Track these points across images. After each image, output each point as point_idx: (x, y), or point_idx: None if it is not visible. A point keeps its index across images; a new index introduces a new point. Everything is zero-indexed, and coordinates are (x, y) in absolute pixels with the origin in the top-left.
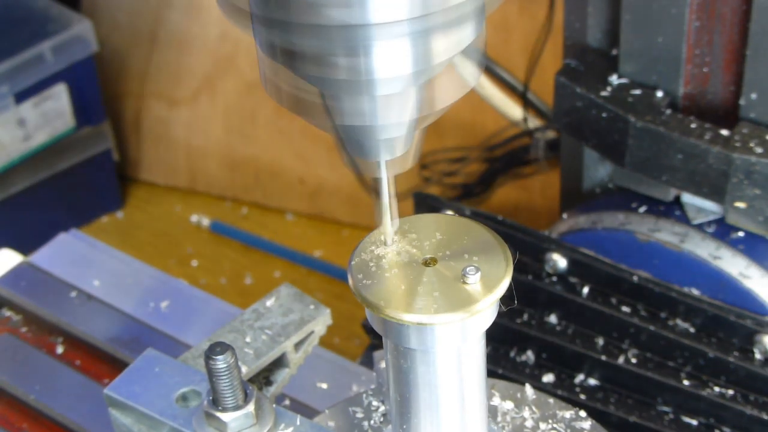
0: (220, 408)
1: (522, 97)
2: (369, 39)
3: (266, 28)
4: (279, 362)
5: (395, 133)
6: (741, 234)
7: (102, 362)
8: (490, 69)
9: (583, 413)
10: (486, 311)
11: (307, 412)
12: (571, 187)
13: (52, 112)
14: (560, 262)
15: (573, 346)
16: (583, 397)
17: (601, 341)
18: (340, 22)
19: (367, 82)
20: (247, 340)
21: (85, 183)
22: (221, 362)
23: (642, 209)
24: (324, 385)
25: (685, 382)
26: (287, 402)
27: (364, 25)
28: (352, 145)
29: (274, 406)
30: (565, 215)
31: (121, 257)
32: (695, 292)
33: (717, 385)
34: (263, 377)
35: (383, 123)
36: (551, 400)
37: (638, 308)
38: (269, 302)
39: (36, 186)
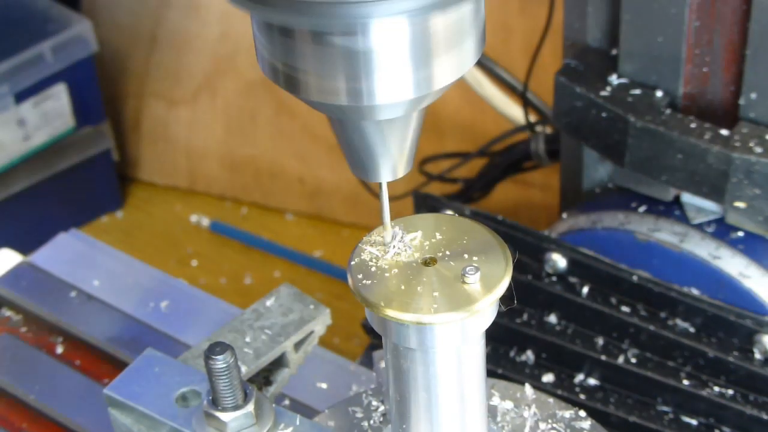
0: (219, 408)
1: (522, 97)
2: (370, 65)
3: (269, 53)
4: (279, 362)
5: (396, 154)
6: (741, 234)
7: (102, 362)
8: (490, 69)
9: (582, 413)
10: (486, 311)
11: (307, 412)
12: (571, 187)
13: (52, 112)
14: (560, 262)
15: (573, 346)
16: (582, 396)
17: (600, 341)
18: (343, 48)
19: (368, 108)
20: (247, 340)
21: (85, 183)
22: (221, 362)
23: (642, 209)
24: (324, 385)
25: (685, 382)
26: (287, 402)
27: (366, 51)
28: (355, 165)
29: (273, 406)
30: (565, 215)
31: (121, 257)
32: (695, 292)
33: (717, 385)
34: (263, 377)
35: (385, 144)
36: (551, 400)
37: (638, 308)
38: (269, 302)
39: (36, 186)
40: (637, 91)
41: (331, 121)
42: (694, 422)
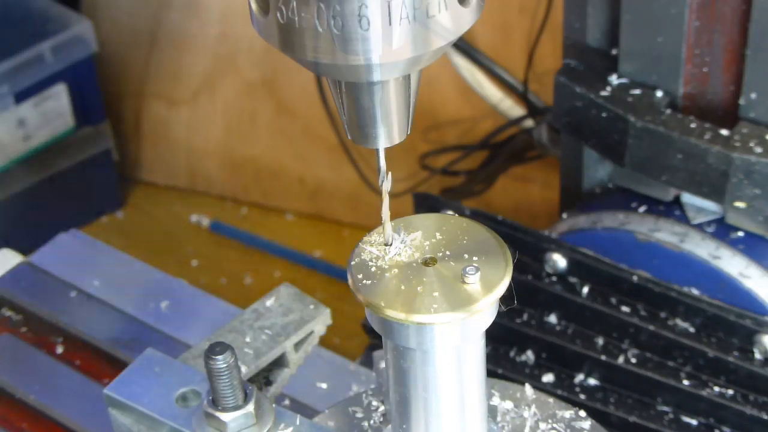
0: (219, 408)
1: (522, 97)
2: (366, 21)
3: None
4: (279, 362)
5: (394, 118)
6: (741, 234)
7: (102, 362)
8: (489, 68)
9: (582, 413)
10: (486, 311)
11: (307, 412)
12: (571, 187)
13: (52, 112)
14: (560, 262)
15: (573, 346)
16: (582, 396)
17: (600, 341)
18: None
19: (365, 68)
20: (247, 340)
21: (85, 183)
22: (221, 362)
23: (642, 209)
24: (324, 385)
25: (685, 382)
26: (287, 402)
27: (361, 7)
28: (353, 131)
29: (273, 406)
30: (565, 215)
31: (121, 257)
32: (695, 292)
33: (717, 385)
34: (263, 377)
35: (382, 106)
36: (551, 400)
37: (638, 308)
38: (269, 302)
39: (36, 186)
40: (637, 91)
41: (329, 83)
42: (694, 422)
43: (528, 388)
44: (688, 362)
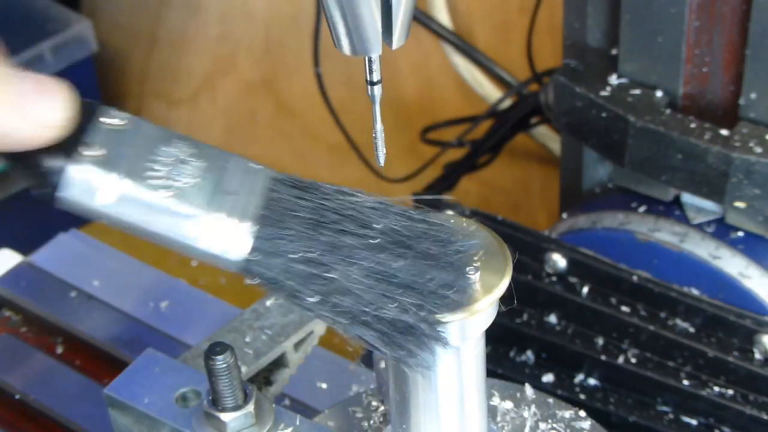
0: (219, 408)
1: (520, 96)
2: None
3: None
4: (279, 362)
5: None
6: (741, 234)
7: (102, 362)
8: (489, 69)
9: (582, 413)
10: (486, 311)
11: (307, 412)
12: (570, 187)
13: None
14: (560, 262)
15: (573, 346)
16: (582, 396)
17: (600, 341)
18: None
19: None
20: (247, 340)
21: None
22: (221, 362)
23: (642, 209)
24: (324, 385)
25: (685, 382)
26: (287, 402)
27: None
28: (341, 36)
29: (273, 406)
30: (564, 215)
31: (121, 257)
32: (695, 292)
33: (717, 385)
34: (263, 377)
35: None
36: (551, 400)
37: (638, 308)
38: (269, 302)
39: None
40: (637, 91)
41: None
42: (694, 422)
43: (528, 388)
44: (688, 362)
